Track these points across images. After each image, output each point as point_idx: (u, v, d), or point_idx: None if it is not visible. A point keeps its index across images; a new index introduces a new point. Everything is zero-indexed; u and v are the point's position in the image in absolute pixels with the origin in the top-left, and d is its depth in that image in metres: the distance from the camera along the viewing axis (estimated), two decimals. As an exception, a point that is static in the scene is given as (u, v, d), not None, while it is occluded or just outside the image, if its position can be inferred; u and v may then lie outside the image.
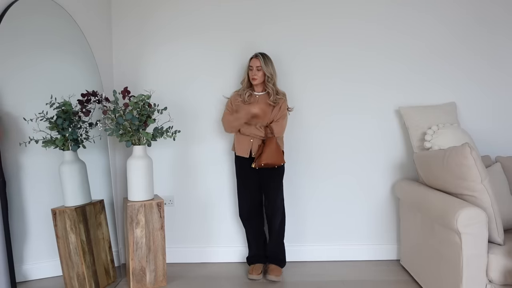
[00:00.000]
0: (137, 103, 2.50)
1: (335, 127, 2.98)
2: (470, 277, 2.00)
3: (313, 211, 3.05)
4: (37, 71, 2.19)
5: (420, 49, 2.95)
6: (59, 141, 2.24)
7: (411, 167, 2.97)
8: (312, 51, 2.94)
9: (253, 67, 2.70)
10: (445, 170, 2.24)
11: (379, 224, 3.04)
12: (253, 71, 2.70)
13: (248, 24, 2.96)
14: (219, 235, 3.06)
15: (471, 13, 2.94)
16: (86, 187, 2.46)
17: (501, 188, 2.36)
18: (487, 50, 2.96)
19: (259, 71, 2.69)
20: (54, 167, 2.29)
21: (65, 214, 2.28)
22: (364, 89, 2.97)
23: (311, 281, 2.66)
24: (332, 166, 3.02)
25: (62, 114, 2.26)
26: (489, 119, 2.97)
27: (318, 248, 3.03)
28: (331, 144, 3.01)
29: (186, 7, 2.97)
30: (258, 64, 2.68)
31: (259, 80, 2.71)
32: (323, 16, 2.95)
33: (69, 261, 2.29)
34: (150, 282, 2.59)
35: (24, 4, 2.10)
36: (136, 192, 2.58)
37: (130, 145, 2.55)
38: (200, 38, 2.98)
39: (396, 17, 2.94)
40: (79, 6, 2.59)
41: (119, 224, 2.93)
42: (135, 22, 2.98)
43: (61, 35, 2.41)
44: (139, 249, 2.55)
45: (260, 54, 2.71)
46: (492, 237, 2.07)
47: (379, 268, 2.90)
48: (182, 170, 3.04)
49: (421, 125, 2.74)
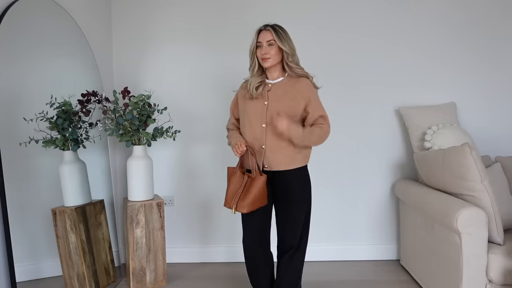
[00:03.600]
0: (137, 103, 2.50)
1: (335, 127, 2.95)
2: (470, 277, 2.00)
3: (313, 210, 3.03)
4: (37, 71, 2.19)
5: (420, 49, 2.95)
6: (59, 141, 2.24)
7: (411, 167, 2.97)
8: (312, 51, 2.94)
9: (262, 42, 1.95)
10: (445, 170, 2.24)
11: (379, 224, 3.04)
12: (263, 48, 1.95)
13: (249, 24, 2.95)
14: (219, 235, 3.06)
15: (472, 14, 2.94)
16: (86, 187, 2.46)
17: (501, 188, 2.36)
18: (487, 50, 2.95)
19: (272, 47, 1.94)
20: (54, 167, 2.29)
21: (65, 214, 2.28)
22: (364, 89, 2.97)
23: (311, 280, 2.66)
24: (332, 166, 3.01)
25: (62, 114, 2.26)
26: (489, 119, 2.97)
27: (318, 248, 3.03)
28: (331, 144, 3.00)
29: (186, 7, 2.97)
30: (269, 37, 1.94)
31: (273, 60, 1.96)
32: (323, 16, 2.95)
33: (69, 261, 2.29)
34: (150, 282, 2.60)
35: (24, 4, 2.10)
36: (136, 192, 2.58)
37: (130, 145, 2.55)
38: (201, 38, 2.98)
39: (396, 18, 2.94)
40: (79, 6, 2.59)
41: (119, 224, 2.93)
42: (135, 22, 2.98)
43: (61, 35, 2.41)
44: (139, 249, 2.55)
45: (271, 26, 1.97)
46: (492, 237, 2.07)
47: (379, 268, 2.90)
48: (182, 170, 3.04)
49: (421, 125, 2.74)
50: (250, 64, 2.06)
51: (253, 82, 2.01)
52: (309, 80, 2.03)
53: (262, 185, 1.91)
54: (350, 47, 2.96)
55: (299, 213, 2.03)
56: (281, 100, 1.98)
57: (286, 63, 1.99)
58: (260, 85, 2.02)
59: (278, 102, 1.98)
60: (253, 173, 1.94)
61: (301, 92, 1.98)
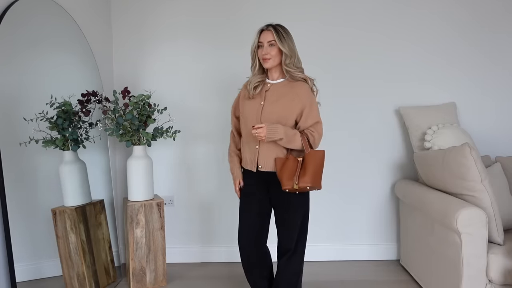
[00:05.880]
0: (137, 103, 2.51)
1: (335, 127, 2.98)
2: (470, 277, 2.00)
3: (313, 210, 3.02)
4: (37, 71, 2.19)
5: (420, 49, 2.95)
6: (59, 141, 2.24)
7: (411, 167, 2.97)
8: (311, 51, 2.94)
9: (263, 42, 1.96)
10: (445, 170, 2.24)
11: (379, 224, 3.04)
12: (263, 48, 1.97)
13: (251, 22, 2.95)
14: (219, 235, 3.06)
15: (472, 13, 2.93)
16: (86, 187, 2.46)
17: (501, 188, 2.36)
18: (487, 50, 2.95)
19: (273, 47, 1.96)
20: (54, 167, 2.29)
21: (65, 214, 2.28)
22: (364, 89, 2.97)
23: (311, 281, 2.66)
24: (332, 165, 3.01)
25: (62, 114, 2.26)
26: (489, 119, 2.97)
27: (318, 247, 3.03)
28: (331, 144, 3.00)
29: (186, 6, 2.97)
30: (270, 38, 1.95)
31: (273, 61, 1.97)
32: (322, 16, 2.95)
33: (69, 261, 2.29)
34: (150, 282, 2.59)
35: (24, 4, 2.10)
36: (136, 192, 2.58)
37: (130, 145, 2.55)
38: (201, 38, 2.98)
39: (395, 17, 2.94)
40: (79, 6, 2.59)
41: (119, 224, 2.93)
42: (135, 22, 2.98)
43: (61, 35, 2.41)
44: (139, 249, 2.55)
45: (272, 26, 1.97)
46: (492, 237, 2.07)
47: (379, 268, 2.90)
48: (182, 170, 3.04)
49: (421, 125, 2.74)
50: (252, 64, 2.07)
51: (253, 81, 2.03)
52: (308, 84, 2.01)
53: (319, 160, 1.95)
54: (350, 47, 2.95)
55: (295, 217, 2.02)
56: (277, 101, 1.98)
57: (284, 65, 1.97)
58: (259, 85, 2.03)
59: (274, 103, 1.98)
60: (306, 149, 1.94)
61: (299, 96, 1.97)
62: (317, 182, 1.94)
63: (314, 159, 1.93)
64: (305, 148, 1.94)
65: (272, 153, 1.98)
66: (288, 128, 1.94)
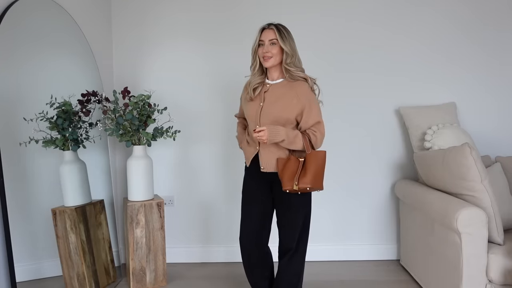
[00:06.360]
0: (137, 103, 2.51)
1: (335, 127, 2.98)
2: (470, 277, 2.00)
3: (313, 210, 3.03)
4: (37, 71, 2.19)
5: (420, 49, 2.95)
6: (59, 141, 2.24)
7: (411, 167, 2.97)
8: (311, 51, 2.94)
9: (264, 41, 1.94)
10: (445, 170, 2.24)
11: (379, 224, 3.04)
12: (264, 46, 1.94)
13: (251, 20, 2.95)
14: (219, 235, 3.06)
15: (475, 10, 2.92)
16: (86, 187, 2.46)
17: (501, 188, 2.36)
18: (490, 49, 2.94)
19: (274, 46, 1.93)
20: (54, 167, 2.29)
21: (65, 214, 2.28)
22: (364, 89, 2.97)
23: (311, 281, 2.66)
24: (332, 165, 3.01)
25: (62, 114, 2.26)
26: (489, 119, 2.97)
27: (318, 248, 3.03)
28: (331, 144, 3.00)
29: (186, 6, 2.97)
30: (272, 36, 1.93)
31: (274, 60, 1.95)
32: (322, 16, 2.95)
33: (69, 261, 2.29)
34: (150, 282, 2.60)
35: (24, 4, 2.10)
36: (136, 192, 2.58)
37: (130, 145, 2.55)
38: (201, 38, 2.97)
39: (396, 16, 2.94)
40: (79, 6, 2.59)
41: (119, 224, 2.93)
42: (135, 22, 2.98)
43: (61, 35, 2.41)
44: (139, 249, 2.55)
45: (274, 25, 1.96)
46: (492, 237, 2.07)
47: (379, 268, 2.90)
48: (182, 170, 3.04)
49: (421, 125, 2.74)
50: (252, 63, 2.06)
51: (252, 83, 2.03)
52: (308, 84, 1.99)
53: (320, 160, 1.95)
54: (350, 47, 2.95)
55: (296, 217, 2.02)
56: (276, 102, 1.97)
57: (284, 64, 1.96)
58: (259, 86, 2.02)
59: (273, 104, 1.97)
60: (307, 150, 1.94)
61: (299, 96, 1.95)
62: (318, 183, 1.94)
63: (315, 159, 1.93)
64: (306, 148, 1.94)
65: (274, 154, 1.98)
66: (290, 130, 1.94)
